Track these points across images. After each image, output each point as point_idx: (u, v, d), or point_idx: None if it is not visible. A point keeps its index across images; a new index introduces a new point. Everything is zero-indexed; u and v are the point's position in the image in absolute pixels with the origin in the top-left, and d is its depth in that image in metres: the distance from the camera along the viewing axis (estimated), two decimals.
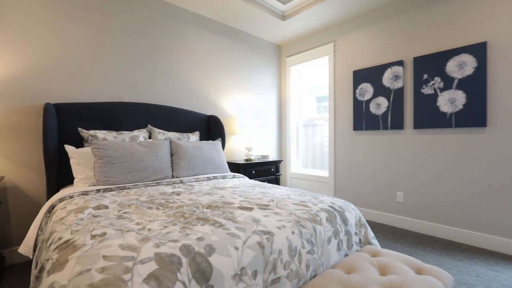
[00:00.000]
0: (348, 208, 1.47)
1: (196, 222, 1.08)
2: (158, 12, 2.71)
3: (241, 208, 1.29)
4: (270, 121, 3.95)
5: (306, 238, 1.12)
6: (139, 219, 1.11)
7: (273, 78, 3.98)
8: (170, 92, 2.82)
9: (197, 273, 0.78)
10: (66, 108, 2.09)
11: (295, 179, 3.89)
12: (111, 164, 1.79)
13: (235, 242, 0.93)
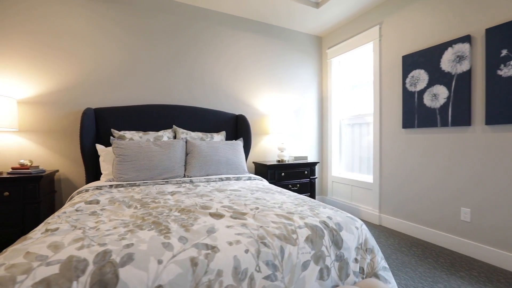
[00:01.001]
0: (349, 227, 1.16)
1: (147, 226, 1.02)
2: (187, 17, 2.83)
3: (211, 215, 1.17)
4: (309, 119, 3.64)
5: (266, 259, 0.92)
6: (104, 217, 1.12)
7: (313, 73, 3.65)
8: (199, 93, 2.90)
9: (96, 285, 0.71)
10: (104, 112, 2.38)
11: (337, 184, 3.47)
12: (126, 162, 1.94)
13: (163, 255, 0.82)
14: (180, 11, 2.80)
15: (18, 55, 2.15)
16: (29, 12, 2.18)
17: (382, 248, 2.19)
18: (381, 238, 2.41)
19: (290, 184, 2.98)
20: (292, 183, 3.00)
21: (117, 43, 2.51)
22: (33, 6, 2.20)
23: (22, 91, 2.17)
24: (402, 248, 2.18)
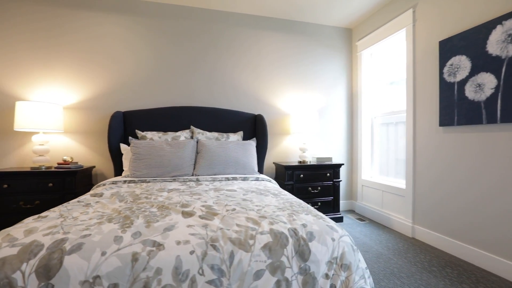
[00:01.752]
0: (323, 237, 1.03)
1: (117, 219, 1.09)
2: (205, 21, 2.94)
3: (183, 213, 1.18)
4: (336, 118, 3.38)
5: (212, 263, 0.88)
6: (91, 209, 1.24)
7: (340, 69, 3.39)
8: (220, 94, 2.97)
9: (42, 268, 0.78)
10: (131, 114, 2.65)
11: (367, 188, 3.14)
12: (139, 160, 2.11)
13: (109, 247, 0.86)
14: (198, 16, 2.92)
15: (66, 68, 2.56)
16: (76, 32, 2.57)
17: (407, 265, 1.89)
18: (409, 253, 2.08)
19: (309, 186, 2.83)
20: (312, 186, 2.83)
21: (143, 53, 2.76)
22: (79, 27, 2.58)
23: (67, 98, 2.57)
24: (433, 268, 1.85)
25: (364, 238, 2.44)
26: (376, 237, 2.45)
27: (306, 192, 2.82)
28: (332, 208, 2.91)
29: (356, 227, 2.74)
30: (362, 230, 2.65)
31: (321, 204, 2.87)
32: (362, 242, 2.33)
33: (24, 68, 2.46)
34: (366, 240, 2.39)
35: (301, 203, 1.43)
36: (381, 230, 2.66)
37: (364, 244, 2.30)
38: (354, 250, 1.04)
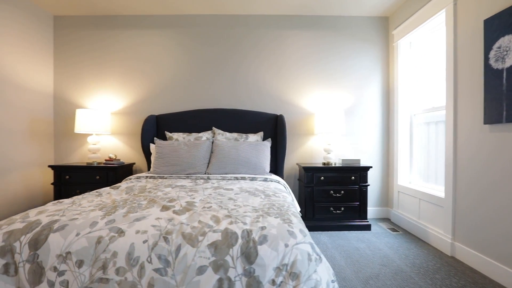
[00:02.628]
0: (276, 242, 1.00)
1: (107, 208, 1.28)
2: (229, 26, 3.07)
3: (163, 207, 1.31)
4: (368, 117, 3.08)
5: (159, 253, 0.97)
6: (99, 199, 1.48)
7: (374, 63, 3.07)
8: (243, 96, 3.07)
9: (33, 241, 1.00)
10: (162, 117, 2.98)
11: (403, 195, 2.77)
12: (160, 158, 2.37)
13: (83, 230, 1.04)
14: (220, 23, 3.07)
15: (114, 80, 3.05)
16: (123, 49, 3.04)
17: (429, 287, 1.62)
18: (438, 274, 1.78)
19: (331, 190, 2.66)
20: (334, 189, 2.66)
21: (175, 62, 3.06)
22: (124, 39, 3.05)
23: (114, 105, 3.06)
24: None
25: (388, 250, 2.17)
26: (404, 251, 2.15)
27: (327, 195, 2.67)
28: (358, 214, 2.67)
29: (384, 237, 2.46)
30: (390, 241, 2.36)
31: (344, 209, 2.67)
32: (383, 255, 2.08)
33: (83, 81, 3.04)
34: (390, 253, 2.12)
35: (283, 206, 1.39)
36: (414, 243, 2.32)
37: (385, 257, 2.05)
38: (311, 260, 0.97)
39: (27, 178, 2.71)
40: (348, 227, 2.65)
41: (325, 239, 2.44)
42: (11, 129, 2.53)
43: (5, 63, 2.48)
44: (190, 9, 2.94)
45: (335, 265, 1.92)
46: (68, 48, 3.04)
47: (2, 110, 2.44)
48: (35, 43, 2.81)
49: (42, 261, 0.98)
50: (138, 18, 3.05)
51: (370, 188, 3.08)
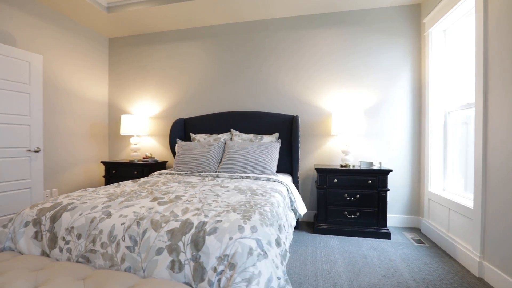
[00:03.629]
0: (222, 235, 1.10)
1: (113, 196, 1.57)
2: (248, 32, 3.22)
3: (154, 198, 1.54)
4: (394, 117, 2.82)
5: (131, 234, 1.18)
6: (114, 189, 1.82)
7: (403, 57, 2.79)
8: (262, 98, 3.19)
9: (52, 217, 1.33)
10: (189, 120, 3.32)
11: (434, 204, 2.46)
12: (180, 157, 2.68)
13: (85, 211, 1.33)
14: (241, 30, 3.24)
15: (152, 87, 3.54)
16: (158, 56, 3.52)
17: None
18: None
19: (346, 193, 2.55)
20: (348, 193, 2.55)
21: (202, 70, 3.37)
22: (160, 52, 3.51)
23: (151, 110, 3.55)
24: None
25: (400, 262, 1.99)
26: (419, 265, 1.94)
27: (341, 199, 2.56)
28: (376, 221, 2.49)
29: (403, 248, 2.24)
30: (408, 253, 2.14)
31: (360, 214, 2.52)
32: (392, 266, 1.92)
33: (129, 91, 3.62)
34: (401, 265, 1.94)
35: (258, 205, 1.47)
36: (437, 258, 2.05)
37: (394, 268, 1.89)
38: (251, 254, 1.05)
39: (87, 171, 3.39)
40: (364, 233, 2.49)
41: (335, 243, 2.36)
42: (75, 132, 3.22)
43: (72, 80, 3.16)
44: (214, 20, 3.20)
45: (331, 270, 1.87)
46: (119, 64, 3.67)
47: (68, 117, 3.13)
48: (95, 62, 3.49)
49: (56, 232, 1.30)
50: (171, 33, 3.46)
51: (397, 194, 2.81)
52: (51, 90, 2.92)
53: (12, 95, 2.40)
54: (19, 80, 2.45)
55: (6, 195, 2.34)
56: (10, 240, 1.36)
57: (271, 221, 1.35)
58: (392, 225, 2.82)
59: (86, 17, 3.10)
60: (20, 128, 2.46)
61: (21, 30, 2.61)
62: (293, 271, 1.85)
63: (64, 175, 3.08)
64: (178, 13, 3.02)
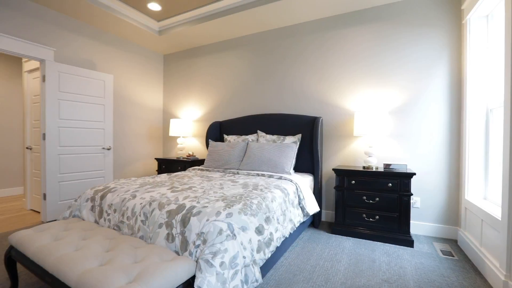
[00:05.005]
0: (203, 217, 1.37)
1: (143, 185, 2.03)
2: (279, 38, 3.41)
3: (171, 187, 1.93)
4: (428, 115, 2.58)
5: (144, 211, 1.56)
6: (149, 179, 2.30)
7: (438, 50, 2.53)
8: (289, 101, 3.34)
9: (101, 195, 1.85)
10: (224, 123, 3.72)
11: (470, 213, 2.18)
12: (210, 155, 3.08)
13: (121, 194, 1.80)
14: (271, 37, 3.45)
15: (195, 94, 4.09)
16: (201, 66, 4.05)
17: None
18: None
19: (364, 195, 2.50)
20: (367, 195, 2.48)
21: (236, 76, 3.74)
22: (203, 62, 4.04)
23: (195, 114, 4.10)
24: None
25: (411, 270, 1.88)
26: (434, 277, 1.81)
27: (360, 201, 2.52)
28: (397, 226, 2.36)
29: (422, 258, 2.08)
30: (426, 263, 1.99)
31: (379, 218, 2.43)
32: (399, 273, 1.85)
33: (177, 98, 4.26)
34: (410, 273, 1.85)
35: (248, 197, 1.69)
36: (460, 272, 1.86)
37: (400, 276, 1.82)
38: (221, 234, 1.28)
39: (145, 165, 4.17)
40: (383, 238, 2.39)
41: (348, 244, 2.35)
42: (137, 133, 4.01)
43: (134, 91, 3.96)
44: (245, 31, 3.51)
45: (331, 268, 1.92)
46: (171, 76, 4.36)
47: (132, 122, 3.92)
48: (152, 76, 4.25)
49: (102, 207, 1.81)
50: (210, 46, 3.93)
51: (430, 200, 2.56)
52: (119, 101, 3.74)
53: (92, 106, 3.22)
54: (97, 95, 3.26)
55: (87, 180, 3.17)
56: (78, 210, 1.94)
57: (254, 212, 1.55)
58: (422, 233, 2.58)
59: (144, 40, 3.83)
60: (97, 131, 3.27)
61: (99, 57, 3.45)
62: (293, 264, 1.99)
63: (128, 168, 3.89)
64: (214, 28, 3.44)
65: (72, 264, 1.17)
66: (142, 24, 3.43)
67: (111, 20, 3.21)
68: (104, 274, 1.07)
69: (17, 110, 4.37)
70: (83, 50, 3.28)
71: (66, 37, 3.10)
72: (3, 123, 4.21)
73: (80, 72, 3.09)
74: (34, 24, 2.81)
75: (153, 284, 1.04)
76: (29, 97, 3.43)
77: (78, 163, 3.08)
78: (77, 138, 3.07)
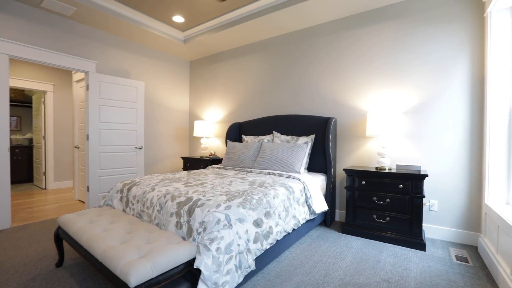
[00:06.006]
0: (205, 209, 1.56)
1: (162, 179, 2.30)
2: (294, 42, 3.50)
3: (185, 183, 2.17)
4: (445, 115, 2.47)
5: (159, 202, 1.81)
6: (170, 175, 2.58)
7: (456, 47, 2.42)
8: (304, 102, 3.42)
9: (128, 188, 2.16)
10: (243, 124, 3.91)
11: (490, 219, 2.06)
12: (227, 155, 3.29)
13: (143, 187, 2.08)
14: (287, 40, 3.55)
15: (217, 97, 4.36)
16: (223, 71, 4.30)
17: None
18: None
19: (374, 196, 2.49)
20: (378, 196, 2.47)
21: (255, 79, 3.92)
22: (225, 66, 4.29)
23: (217, 116, 4.36)
24: None
25: (415, 273, 1.87)
26: (439, 281, 1.78)
27: (370, 202, 2.51)
28: (408, 229, 2.32)
29: (431, 261, 2.03)
30: (434, 267, 1.95)
31: (390, 219, 2.40)
32: (401, 274, 1.85)
33: (201, 101, 4.57)
34: (414, 275, 1.84)
35: (250, 193, 1.85)
36: (470, 279, 1.79)
37: (401, 276, 1.82)
38: (218, 223, 1.46)
39: (173, 163, 4.55)
40: (393, 240, 2.36)
41: (357, 244, 2.37)
42: (166, 134, 4.40)
43: (163, 96, 4.35)
44: (263, 36, 3.66)
45: (333, 264, 1.99)
46: (196, 80, 4.70)
47: (160, 124, 4.32)
48: (179, 81, 4.62)
49: (128, 197, 2.11)
50: (230, 52, 4.16)
51: (448, 204, 2.45)
52: (149, 104, 4.16)
53: (126, 110, 3.65)
54: (130, 100, 3.69)
55: (122, 176, 3.60)
56: (110, 200, 2.28)
57: (253, 206, 1.71)
58: (439, 238, 2.48)
59: (171, 48, 4.20)
60: (130, 132, 3.70)
61: (132, 66, 3.89)
62: (297, 258, 2.09)
63: (157, 166, 4.30)
64: (233, 35, 3.66)
65: (99, 241, 1.45)
66: (168, 35, 3.78)
67: (143, 33, 3.61)
68: (121, 250, 1.32)
69: (69, 115, 5.08)
70: (119, 61, 3.73)
71: (105, 50, 3.56)
72: (59, 126, 4.94)
73: (116, 80, 3.53)
74: (80, 42, 3.30)
75: (157, 260, 1.25)
76: (77, 103, 4.01)
77: (114, 161, 3.52)
78: (113, 138, 3.52)
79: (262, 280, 1.76)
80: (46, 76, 4.78)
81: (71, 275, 1.79)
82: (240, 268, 1.45)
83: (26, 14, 2.88)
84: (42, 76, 4.72)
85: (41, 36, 2.98)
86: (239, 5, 3.17)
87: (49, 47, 3.03)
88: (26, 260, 2.00)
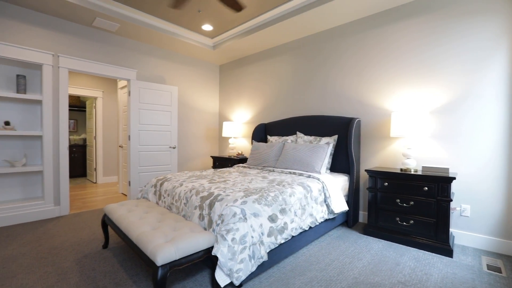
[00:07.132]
0: (224, 204, 1.72)
1: (190, 176, 2.54)
2: (321, 42, 3.53)
3: (209, 180, 2.37)
4: (480, 114, 2.31)
5: (186, 196, 2.03)
6: (198, 173, 2.82)
7: (491, 41, 2.24)
8: (328, 102, 3.43)
9: (160, 183, 2.43)
10: (269, 125, 4.04)
11: None
12: (251, 154, 3.45)
13: (173, 182, 2.33)
14: (311, 41, 3.59)
15: (245, 98, 4.55)
16: (249, 74, 4.49)
17: None
18: None
19: (397, 198, 2.43)
20: (401, 199, 2.41)
21: (281, 81, 4.02)
22: (250, 69, 4.47)
23: (244, 117, 4.55)
24: None
25: (436, 278, 1.82)
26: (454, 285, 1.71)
27: (392, 204, 2.46)
28: (434, 233, 2.23)
29: (456, 269, 1.94)
30: (459, 274, 1.86)
31: (414, 223, 2.33)
32: (420, 279, 1.81)
33: (230, 103, 4.80)
34: (435, 281, 1.79)
35: (266, 191, 1.97)
36: None
37: (419, 280, 1.79)
38: (234, 216, 1.61)
39: (203, 162, 4.87)
40: (418, 244, 2.28)
41: (377, 246, 2.35)
42: (197, 135, 4.73)
43: (194, 98, 4.68)
44: (288, 38, 3.74)
45: (349, 264, 2.02)
46: (225, 83, 4.95)
47: (194, 125, 4.65)
48: (210, 84, 4.92)
49: (161, 191, 2.38)
50: (257, 55, 4.32)
51: (482, 209, 2.28)
52: (182, 107, 4.51)
53: (162, 113, 4.03)
54: (165, 104, 4.06)
55: (158, 173, 3.99)
56: (146, 193, 2.59)
57: (268, 202, 1.83)
58: (471, 245, 2.32)
59: (201, 54, 4.50)
60: (165, 133, 4.07)
61: (167, 72, 4.27)
62: (313, 255, 2.16)
63: (189, 164, 4.64)
64: (259, 39, 3.81)
65: (135, 227, 1.70)
66: (199, 42, 4.07)
67: (175, 42, 3.95)
68: (151, 235, 1.54)
69: (115, 117, 5.73)
70: (156, 68, 4.13)
71: (143, 59, 3.98)
72: (107, 128, 5.60)
73: (153, 86, 3.92)
74: (123, 53, 3.74)
75: (180, 245, 1.45)
76: (121, 107, 4.52)
77: (151, 159, 3.92)
78: (151, 138, 3.91)
79: (277, 272, 1.87)
80: (96, 84, 5.46)
81: (114, 256, 2.10)
82: (254, 258, 1.58)
83: (81, 33, 3.37)
84: (93, 84, 5.41)
85: (92, 50, 3.46)
86: (261, 12, 3.31)
87: (98, 60, 3.50)
88: (80, 241, 2.39)
